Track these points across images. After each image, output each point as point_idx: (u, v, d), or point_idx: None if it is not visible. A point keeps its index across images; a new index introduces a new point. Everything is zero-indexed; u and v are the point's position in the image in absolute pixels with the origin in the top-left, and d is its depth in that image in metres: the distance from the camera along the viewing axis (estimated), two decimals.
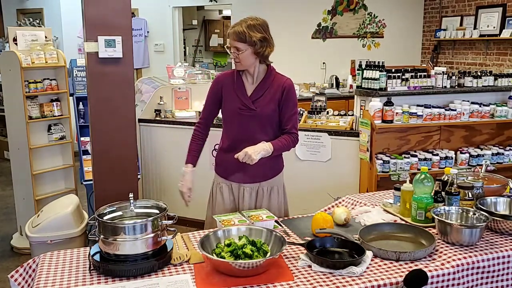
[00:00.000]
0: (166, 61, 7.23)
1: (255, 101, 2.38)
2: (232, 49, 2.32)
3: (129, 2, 3.18)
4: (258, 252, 1.81)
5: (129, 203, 1.92)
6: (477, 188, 2.30)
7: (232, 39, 2.30)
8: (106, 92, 3.18)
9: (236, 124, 2.42)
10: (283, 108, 2.40)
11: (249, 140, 2.33)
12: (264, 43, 2.31)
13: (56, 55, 4.31)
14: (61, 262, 1.89)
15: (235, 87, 2.41)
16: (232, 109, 2.41)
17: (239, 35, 2.28)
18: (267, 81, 2.41)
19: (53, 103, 4.37)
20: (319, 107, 4.31)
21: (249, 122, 2.39)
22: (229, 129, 2.47)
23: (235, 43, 2.30)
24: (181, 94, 4.71)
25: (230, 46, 2.33)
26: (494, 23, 6.50)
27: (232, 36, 2.30)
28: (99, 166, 3.24)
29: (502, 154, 3.91)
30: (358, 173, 3.80)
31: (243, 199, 2.45)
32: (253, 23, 2.30)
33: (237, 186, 2.47)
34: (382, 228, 2.10)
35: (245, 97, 2.39)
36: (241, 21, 2.32)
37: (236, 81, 2.42)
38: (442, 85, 3.92)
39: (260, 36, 2.28)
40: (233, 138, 2.44)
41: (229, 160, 2.38)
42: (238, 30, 2.28)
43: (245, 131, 2.39)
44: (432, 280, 1.76)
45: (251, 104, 2.38)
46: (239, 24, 2.30)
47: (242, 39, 2.28)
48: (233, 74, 2.44)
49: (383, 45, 7.60)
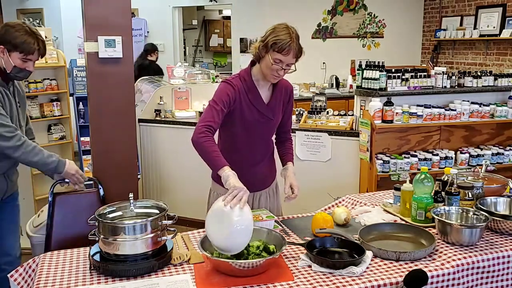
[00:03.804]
0: (166, 61, 7.23)
1: (271, 110, 2.29)
2: (285, 66, 2.13)
3: (129, 2, 3.18)
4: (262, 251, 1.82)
5: (129, 203, 1.92)
6: (477, 188, 2.30)
7: (293, 56, 2.12)
8: (106, 92, 3.18)
9: (250, 134, 2.28)
10: (287, 110, 2.40)
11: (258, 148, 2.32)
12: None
13: (56, 55, 4.31)
14: (61, 262, 1.89)
15: (251, 97, 2.23)
16: (250, 120, 2.24)
17: (300, 52, 2.14)
18: (277, 86, 2.32)
19: (53, 103, 4.37)
20: (319, 107, 4.31)
21: (263, 130, 2.32)
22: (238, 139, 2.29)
23: (293, 60, 2.13)
24: (181, 94, 4.71)
25: (285, 62, 2.12)
26: (494, 23, 6.50)
27: (293, 54, 2.11)
28: (99, 166, 3.24)
29: (502, 154, 3.91)
30: (358, 173, 3.80)
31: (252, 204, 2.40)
32: (297, 34, 2.14)
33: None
34: (382, 228, 2.10)
35: (263, 107, 2.26)
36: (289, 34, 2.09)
37: (251, 89, 2.23)
38: (442, 85, 3.93)
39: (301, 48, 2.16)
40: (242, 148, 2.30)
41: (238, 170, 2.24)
42: (299, 47, 2.12)
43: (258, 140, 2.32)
44: (432, 280, 1.76)
45: (270, 114, 2.28)
46: (291, 39, 2.08)
47: (299, 54, 2.15)
48: (244, 82, 2.23)
49: (383, 45, 7.61)
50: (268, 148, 2.42)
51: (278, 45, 2.08)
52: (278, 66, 2.12)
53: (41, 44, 2.41)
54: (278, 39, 2.08)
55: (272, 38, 2.10)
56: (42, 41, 2.43)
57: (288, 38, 2.08)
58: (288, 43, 2.07)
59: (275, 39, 2.09)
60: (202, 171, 2.47)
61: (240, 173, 2.01)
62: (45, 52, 2.50)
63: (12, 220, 2.66)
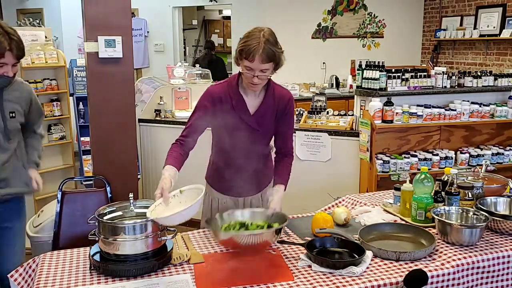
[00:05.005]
0: (166, 61, 7.24)
1: (258, 120, 2.18)
2: (258, 72, 2.02)
3: (129, 2, 3.19)
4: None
5: (129, 203, 1.92)
6: (477, 188, 2.30)
7: (260, 62, 1.99)
8: (106, 92, 3.19)
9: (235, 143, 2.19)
10: (284, 124, 2.25)
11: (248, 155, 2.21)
12: (282, 54, 2.08)
13: (56, 55, 4.31)
14: (61, 262, 1.89)
15: (235, 104, 2.15)
16: (232, 129, 2.16)
17: (269, 56, 1.99)
18: (269, 95, 2.19)
19: (53, 103, 4.37)
20: (319, 107, 4.31)
21: (249, 139, 2.18)
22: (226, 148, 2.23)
23: (263, 65, 2.00)
24: (181, 94, 4.71)
25: (254, 69, 2.01)
26: (494, 23, 6.50)
27: (260, 59, 1.98)
28: (99, 166, 3.24)
29: (502, 154, 3.91)
30: (358, 173, 3.80)
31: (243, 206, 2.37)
32: (270, 36, 2.02)
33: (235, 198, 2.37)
34: (382, 228, 2.10)
35: (248, 117, 2.17)
36: (255, 39, 2.00)
37: (234, 96, 2.15)
38: (442, 85, 3.92)
39: (281, 49, 2.06)
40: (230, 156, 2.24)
41: (225, 177, 2.27)
42: (267, 50, 1.98)
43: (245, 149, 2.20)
44: (432, 280, 1.76)
45: (254, 124, 2.17)
46: (258, 44, 1.97)
47: (271, 58, 2.01)
48: (230, 88, 2.17)
49: (383, 45, 7.61)
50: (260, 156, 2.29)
51: (244, 51, 2.00)
52: (249, 74, 2.03)
53: (14, 45, 2.12)
54: (244, 45, 2.00)
55: (240, 45, 2.04)
56: (17, 41, 2.15)
57: (254, 43, 1.98)
58: (253, 49, 1.97)
59: (242, 45, 2.02)
60: (201, 172, 2.46)
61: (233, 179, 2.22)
62: (23, 54, 2.21)
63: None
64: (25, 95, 2.39)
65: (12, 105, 2.32)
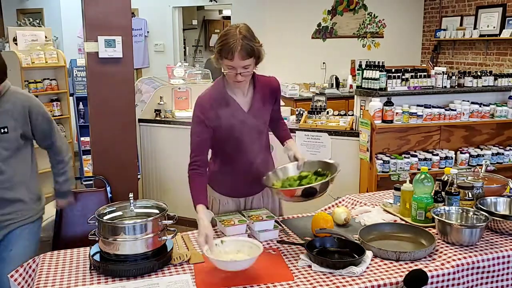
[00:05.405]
0: (166, 61, 7.23)
1: (255, 114, 2.19)
2: (240, 69, 2.01)
3: (129, 2, 3.19)
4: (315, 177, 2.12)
5: (129, 203, 1.92)
6: (477, 188, 2.30)
7: (240, 59, 1.98)
8: (106, 92, 3.19)
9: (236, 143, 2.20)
10: (275, 105, 2.33)
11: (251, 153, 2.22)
12: (261, 48, 2.07)
13: (56, 55, 4.32)
14: (61, 262, 1.89)
15: (228, 108, 2.14)
16: (232, 131, 2.16)
17: (248, 52, 1.98)
18: (257, 88, 2.20)
19: (53, 103, 4.38)
20: (319, 107, 4.31)
21: (249, 136, 2.20)
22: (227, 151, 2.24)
23: (244, 62, 2.00)
24: (181, 94, 4.71)
25: (236, 67, 2.01)
26: (494, 23, 6.50)
27: (239, 56, 1.97)
28: (99, 166, 3.24)
29: (502, 154, 3.91)
30: (358, 173, 3.80)
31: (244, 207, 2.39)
32: (246, 32, 2.01)
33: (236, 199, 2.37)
34: (382, 228, 2.10)
35: (243, 115, 2.17)
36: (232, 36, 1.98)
37: (226, 100, 2.15)
38: (442, 85, 3.92)
39: (259, 43, 2.06)
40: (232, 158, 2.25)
41: (228, 179, 2.28)
42: (245, 47, 1.97)
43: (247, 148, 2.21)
44: (432, 280, 1.76)
45: (252, 120, 2.18)
46: (235, 41, 1.96)
47: (250, 54, 2.00)
48: (218, 94, 2.16)
49: (383, 45, 7.60)
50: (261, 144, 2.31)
51: (223, 50, 1.99)
52: (232, 73, 2.03)
53: None
54: (222, 44, 2.00)
55: (218, 45, 2.03)
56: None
57: (232, 41, 1.96)
58: (231, 47, 1.96)
59: (220, 45, 2.01)
60: None
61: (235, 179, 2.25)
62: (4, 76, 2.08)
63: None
64: (17, 107, 2.20)
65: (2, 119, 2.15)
